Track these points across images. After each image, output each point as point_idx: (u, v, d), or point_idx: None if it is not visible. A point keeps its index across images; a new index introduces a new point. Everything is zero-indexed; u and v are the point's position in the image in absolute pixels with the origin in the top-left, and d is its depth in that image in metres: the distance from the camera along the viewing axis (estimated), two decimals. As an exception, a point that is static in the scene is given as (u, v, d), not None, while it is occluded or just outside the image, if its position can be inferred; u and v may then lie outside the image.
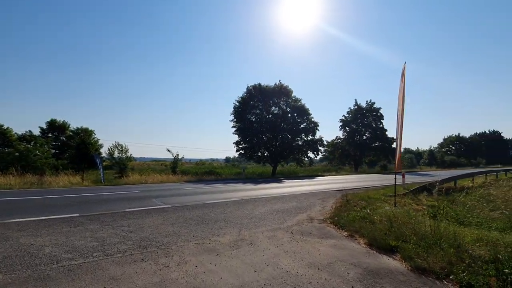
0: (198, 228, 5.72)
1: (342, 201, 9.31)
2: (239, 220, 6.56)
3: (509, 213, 9.21)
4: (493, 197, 11.43)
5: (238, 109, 29.73)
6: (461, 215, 8.00)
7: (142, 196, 10.05)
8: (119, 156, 23.64)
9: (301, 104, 31.23)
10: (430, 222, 6.03)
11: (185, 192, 11.60)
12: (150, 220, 6.37)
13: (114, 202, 8.72)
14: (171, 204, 8.42)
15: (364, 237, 5.26)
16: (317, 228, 5.98)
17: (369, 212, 7.35)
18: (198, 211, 7.51)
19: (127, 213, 7.07)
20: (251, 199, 9.76)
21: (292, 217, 7.02)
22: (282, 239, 5.12)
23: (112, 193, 11.12)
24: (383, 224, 6.07)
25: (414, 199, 11.73)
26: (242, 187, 14.26)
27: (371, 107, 42.44)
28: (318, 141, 32.29)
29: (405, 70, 7.07)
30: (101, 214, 6.86)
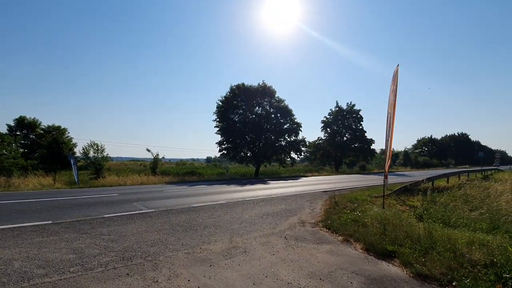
0: (187, 235, 5.35)
1: (330, 203, 9.26)
2: (229, 225, 6.26)
3: (488, 213, 9.61)
4: (470, 197, 11.90)
5: (221, 108, 29.25)
6: (445, 216, 8.17)
7: (122, 200, 9.43)
8: (95, 156, 22.45)
9: (284, 105, 31.29)
10: (423, 226, 6.07)
11: (168, 194, 11.07)
12: (133, 226, 5.90)
13: (91, 207, 8.08)
14: (154, 209, 7.93)
15: (359, 241, 5.15)
16: (311, 233, 5.82)
17: (359, 214, 7.32)
18: (184, 215, 7.11)
19: (106, 219, 6.53)
20: (239, 201, 9.46)
21: (283, 221, 6.82)
22: (276, 246, 4.89)
23: (88, 196, 10.38)
24: (376, 227, 6.02)
25: (398, 200, 11.94)
26: (227, 188, 13.91)
27: (351, 109, 43.46)
28: (301, 141, 32.54)
29: (397, 72, 7.08)
30: (77, 220, 6.28)
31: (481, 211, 9.65)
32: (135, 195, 10.76)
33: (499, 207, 9.78)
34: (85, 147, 22.56)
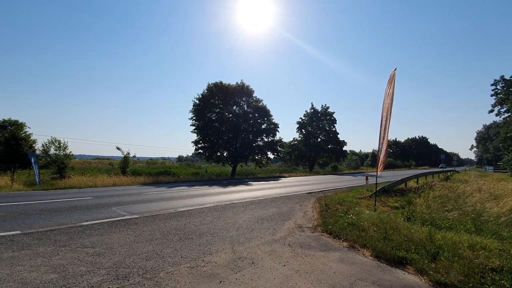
0: (184, 245, 4.85)
1: (321, 206, 9.19)
2: (226, 232, 5.84)
3: (465, 213, 10.17)
4: (444, 198, 12.58)
5: (198, 107, 28.31)
6: (431, 218, 8.44)
7: (98, 204, 8.52)
8: (56, 153, 20.51)
9: (262, 105, 31.15)
10: (422, 229, 6.14)
11: (149, 197, 10.27)
12: (119, 236, 5.25)
13: (64, 213, 7.15)
14: (138, 214, 7.23)
15: (366, 248, 5.02)
16: (313, 239, 5.60)
17: (353, 217, 7.29)
18: (174, 222, 6.54)
19: (85, 227, 5.76)
20: (228, 205, 9.02)
21: (280, 226, 6.54)
22: (283, 255, 4.59)
23: (57, 200, 9.27)
24: (375, 232, 5.98)
25: (379, 201, 12.22)
26: (210, 190, 13.34)
27: (326, 111, 44.65)
28: (278, 142, 32.65)
29: (394, 76, 7.14)
30: (51, 230, 5.46)
31: (459, 212, 10.21)
32: (111, 198, 9.82)
33: (476, 208, 10.41)
34: (45, 144, 20.52)
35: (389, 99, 7.23)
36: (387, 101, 7.32)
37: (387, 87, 7.36)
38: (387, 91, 7.38)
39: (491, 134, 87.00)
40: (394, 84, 7.11)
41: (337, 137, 44.44)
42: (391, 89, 7.18)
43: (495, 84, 43.60)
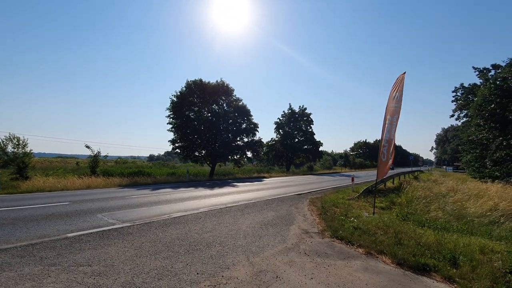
0: (194, 259, 4.37)
1: (317, 208, 9.08)
2: (234, 240, 5.43)
3: (446, 212, 10.68)
4: (427, 198, 13.16)
5: (176, 104, 27.12)
6: (424, 219, 8.68)
7: (79, 211, 7.60)
8: (14, 151, 18.48)
9: (242, 104, 30.70)
10: (429, 233, 6.20)
11: (135, 202, 9.44)
12: (116, 250, 4.62)
13: (42, 222, 6.23)
14: (129, 222, 6.53)
15: (383, 254, 4.91)
16: (326, 246, 5.39)
17: (355, 221, 7.24)
18: (172, 230, 5.97)
19: (73, 240, 5.02)
20: (222, 209, 8.55)
21: (286, 232, 6.27)
22: (305, 266, 4.31)
23: (29, 206, 8.14)
24: (385, 236, 5.93)
25: (366, 202, 12.44)
26: (197, 193, 12.70)
27: (303, 112, 45.34)
28: (258, 142, 32.45)
29: (403, 80, 7.17)
30: (33, 244, 4.66)
31: (443, 212, 10.69)
32: (92, 203, 8.85)
33: (457, 208, 10.96)
34: (2, 141, 18.39)
35: (395, 102, 7.26)
36: (392, 103, 7.35)
37: (393, 89, 7.39)
38: (392, 94, 7.41)
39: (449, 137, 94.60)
40: (402, 87, 7.15)
41: (314, 138, 45.35)
42: (398, 92, 7.22)
43: (455, 91, 47.21)
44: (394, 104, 7.43)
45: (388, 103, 7.62)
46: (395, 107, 7.38)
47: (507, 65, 27.65)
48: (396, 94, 7.32)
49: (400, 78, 7.36)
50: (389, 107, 7.59)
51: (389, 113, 7.59)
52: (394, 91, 7.43)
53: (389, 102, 7.57)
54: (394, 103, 7.43)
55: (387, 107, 7.63)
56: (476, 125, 28.03)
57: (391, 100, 7.50)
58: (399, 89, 7.29)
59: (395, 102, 7.41)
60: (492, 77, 33.49)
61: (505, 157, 24.15)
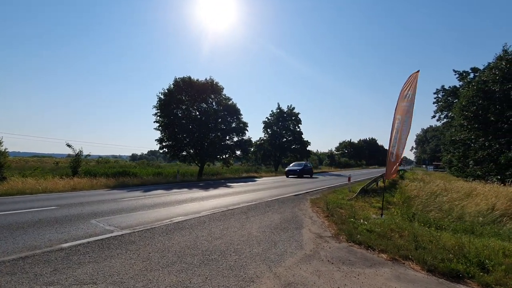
0: (213, 271, 3.93)
1: (322, 210, 8.83)
2: (248, 247, 5.02)
3: (444, 212, 10.75)
4: (422, 198, 13.26)
5: (163, 102, 26.15)
6: (430, 219, 8.62)
7: (70, 216, 6.90)
8: (-13, 150, 17.12)
9: (232, 103, 30.19)
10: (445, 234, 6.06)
11: (129, 205, 8.78)
12: (122, 262, 4.09)
13: (29, 230, 5.53)
14: (128, 228, 5.95)
15: (409, 260, 4.68)
16: (347, 251, 5.10)
17: (365, 223, 7.03)
18: (178, 237, 5.48)
19: (69, 251, 4.42)
20: (225, 212, 8.09)
21: (298, 236, 5.93)
22: (334, 276, 3.99)
23: (11, 211, 7.32)
24: (403, 239, 5.74)
25: (364, 201, 12.35)
26: (193, 194, 12.13)
27: (291, 111, 45.37)
28: (247, 141, 32.06)
29: (416, 79, 7.00)
30: (23, 258, 4.03)
31: (441, 212, 10.75)
32: (82, 207, 8.12)
33: (453, 208, 11.07)
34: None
35: (407, 101, 7.08)
36: (403, 103, 7.18)
37: (404, 88, 7.21)
38: (403, 92, 7.23)
39: (428, 137, 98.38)
40: (415, 86, 6.98)
41: (302, 137, 45.49)
42: (410, 91, 7.04)
43: (436, 93, 48.85)
44: (406, 103, 7.26)
45: (398, 102, 7.45)
46: (406, 106, 7.21)
47: (487, 69, 28.79)
48: (408, 92, 7.16)
49: (413, 76, 7.20)
50: (399, 106, 7.43)
51: (399, 112, 7.42)
52: (405, 89, 7.27)
53: (400, 101, 7.40)
54: (405, 102, 7.27)
55: (397, 106, 7.46)
56: (459, 126, 29.00)
57: (402, 99, 7.33)
58: (412, 88, 7.13)
59: (406, 101, 7.24)
60: (473, 79, 34.90)
61: (487, 157, 25.14)
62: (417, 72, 7.22)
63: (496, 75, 25.48)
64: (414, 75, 7.33)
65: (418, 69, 7.17)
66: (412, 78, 7.35)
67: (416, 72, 7.29)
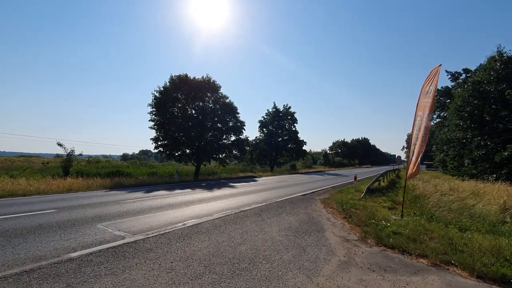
0: (248, 283, 3.49)
1: (337, 211, 8.49)
2: (276, 253, 4.60)
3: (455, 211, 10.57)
4: (427, 197, 13.11)
5: (159, 100, 25.37)
6: (449, 219, 8.37)
7: (73, 220, 6.31)
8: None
9: (229, 102, 29.61)
10: (476, 236, 5.77)
11: (134, 207, 8.20)
12: (143, 274, 3.60)
13: (30, 237, 4.94)
14: (140, 233, 5.43)
15: (453, 265, 4.35)
16: (382, 256, 4.74)
17: (388, 224, 6.72)
18: (197, 243, 5.00)
19: (80, 262, 3.89)
20: (238, 214, 7.64)
21: (324, 240, 5.55)
22: (380, 285, 3.62)
23: (7, 215, 6.65)
24: (435, 242, 5.42)
25: (372, 201, 12.08)
26: (198, 195, 11.61)
27: (287, 111, 45.12)
28: (245, 140, 31.57)
29: (438, 73, 6.70)
30: (28, 272, 3.49)
31: (452, 211, 10.57)
32: (83, 209, 7.51)
33: (463, 207, 10.91)
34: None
35: (428, 97, 6.78)
36: (424, 99, 6.88)
37: (426, 83, 6.93)
38: (425, 88, 6.94)
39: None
40: (437, 81, 6.68)
41: (298, 137, 45.29)
42: (432, 87, 6.74)
43: (430, 93, 49.43)
44: (426, 99, 6.97)
45: (419, 98, 7.16)
46: (427, 102, 6.91)
47: (481, 69, 29.17)
48: (430, 88, 6.86)
49: (434, 71, 6.91)
50: (420, 102, 7.14)
51: (420, 109, 7.13)
52: (427, 85, 6.98)
53: (421, 97, 7.11)
54: (426, 99, 6.97)
55: (419, 103, 7.18)
56: (455, 125, 29.29)
57: (424, 95, 7.04)
58: (433, 83, 6.84)
59: (427, 98, 6.95)
60: (467, 80, 35.42)
61: (482, 156, 25.43)
62: (438, 67, 6.93)
63: (491, 76, 25.80)
64: (435, 70, 7.05)
65: (442, 63, 6.88)
66: (433, 72, 7.07)
67: (438, 66, 7.00)
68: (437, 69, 6.83)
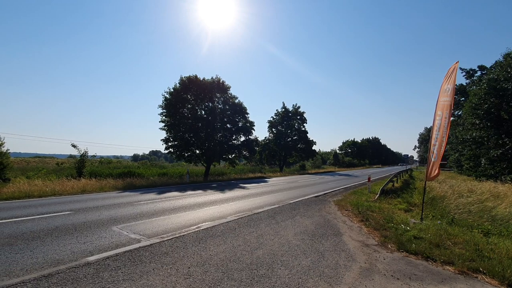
0: (269, 290, 3.38)
1: (352, 213, 8.29)
2: (294, 258, 4.46)
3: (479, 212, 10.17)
4: (444, 199, 12.69)
5: (169, 102, 25.54)
6: (468, 222, 8.06)
7: (88, 222, 6.34)
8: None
9: (239, 102, 29.62)
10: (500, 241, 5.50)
11: (148, 209, 8.21)
12: (161, 280, 3.54)
13: (47, 240, 4.97)
14: (156, 237, 5.40)
15: (482, 273, 4.12)
16: (405, 263, 4.54)
17: (408, 228, 6.48)
18: (213, 247, 4.92)
19: (97, 267, 3.86)
20: (251, 216, 7.53)
21: (342, 245, 5.38)
22: (407, 294, 3.43)
23: (23, 217, 6.75)
24: (459, 247, 5.19)
25: (387, 203, 11.78)
26: (210, 196, 11.58)
27: (297, 110, 44.79)
28: (254, 141, 31.49)
29: (455, 70, 6.43)
30: (46, 276, 3.47)
31: (472, 214, 10.19)
32: (98, 211, 7.56)
33: (483, 209, 10.51)
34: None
35: (447, 96, 6.52)
36: (443, 98, 6.62)
37: (444, 82, 6.66)
38: (443, 86, 6.68)
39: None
40: (454, 79, 6.41)
41: (307, 137, 44.90)
42: (450, 84, 6.48)
43: (443, 91, 48.18)
44: (445, 98, 6.70)
45: (439, 97, 6.90)
46: (446, 101, 6.64)
47: (496, 66, 28.21)
48: (448, 86, 6.59)
49: (452, 68, 6.64)
50: (439, 101, 6.88)
51: (439, 108, 6.87)
52: (445, 83, 6.71)
53: (440, 96, 6.85)
54: (445, 97, 6.71)
55: (438, 102, 6.92)
56: (471, 124, 28.41)
57: (442, 93, 6.78)
58: (451, 81, 6.57)
59: (446, 96, 6.68)
60: (482, 77, 34.31)
61: (501, 156, 24.56)
62: (456, 63, 6.66)
63: (508, 73, 24.90)
64: (453, 67, 6.79)
65: (457, 60, 6.62)
66: (450, 70, 6.80)
67: (455, 63, 6.73)
68: (454, 66, 6.57)
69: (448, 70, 6.87)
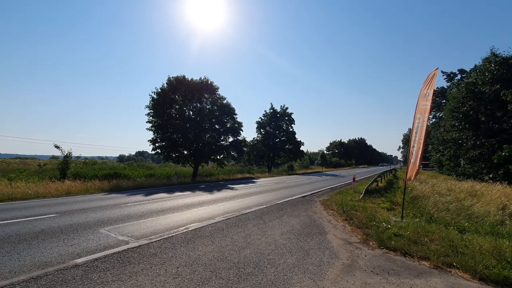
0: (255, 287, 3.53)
1: (336, 213, 8.56)
2: (280, 257, 4.64)
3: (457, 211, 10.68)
4: (426, 198, 13.24)
5: (156, 102, 25.30)
6: (449, 220, 8.49)
7: (74, 224, 6.29)
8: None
9: (227, 103, 29.69)
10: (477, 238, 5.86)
11: (135, 211, 8.19)
12: (150, 280, 3.63)
13: (33, 243, 4.93)
14: (144, 238, 5.44)
15: (455, 268, 4.42)
16: (385, 259, 4.80)
17: (389, 226, 6.80)
18: (201, 247, 5.03)
19: (86, 268, 3.90)
20: (239, 216, 7.67)
21: (326, 243, 5.60)
22: (385, 288, 3.67)
23: (7, 220, 6.61)
24: (435, 244, 5.51)
25: (371, 202, 12.15)
26: (199, 197, 11.61)
27: (285, 111, 45.23)
28: (242, 141, 31.61)
29: (435, 77, 6.81)
30: (34, 278, 3.48)
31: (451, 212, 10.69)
32: (84, 214, 7.49)
33: (460, 207, 11.05)
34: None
35: (426, 100, 6.89)
36: (422, 102, 6.98)
37: (424, 87, 7.03)
38: (423, 91, 7.05)
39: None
40: (434, 84, 6.79)
41: (295, 137, 45.41)
42: (429, 90, 6.85)
43: (426, 94, 49.84)
44: (425, 103, 7.08)
45: (418, 101, 7.27)
46: (424, 105, 7.03)
47: (475, 70, 29.50)
48: (428, 91, 6.98)
49: (431, 74, 7.03)
50: (419, 105, 7.24)
51: (419, 111, 7.23)
52: (425, 88, 7.09)
53: (420, 100, 7.22)
54: (424, 101, 7.08)
55: (417, 106, 7.28)
56: (451, 126, 29.59)
57: (422, 98, 7.15)
58: (430, 86, 6.96)
59: (425, 100, 7.06)
60: (461, 81, 35.78)
61: (479, 156, 25.72)
62: (435, 70, 7.06)
63: (485, 77, 26.09)
64: (433, 73, 7.18)
65: (437, 67, 7.01)
66: (430, 76, 7.19)
67: (435, 70, 7.13)
68: (434, 72, 6.95)
69: (428, 75, 7.25)
